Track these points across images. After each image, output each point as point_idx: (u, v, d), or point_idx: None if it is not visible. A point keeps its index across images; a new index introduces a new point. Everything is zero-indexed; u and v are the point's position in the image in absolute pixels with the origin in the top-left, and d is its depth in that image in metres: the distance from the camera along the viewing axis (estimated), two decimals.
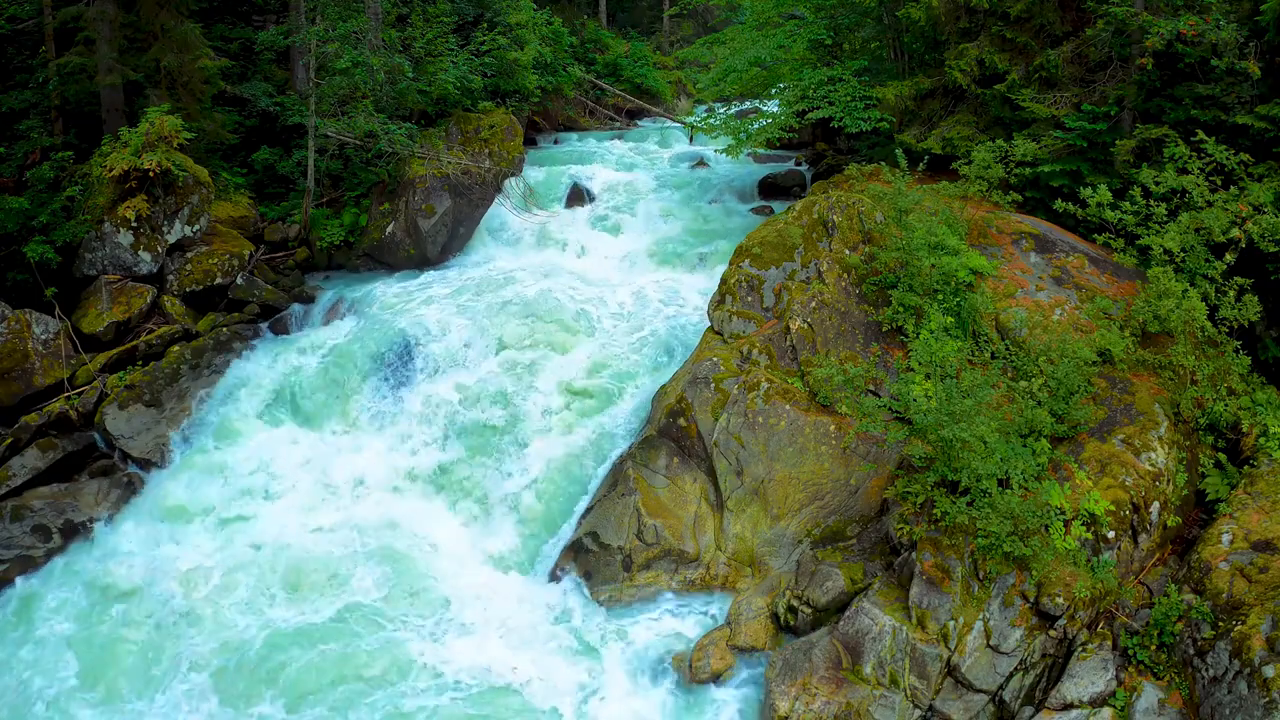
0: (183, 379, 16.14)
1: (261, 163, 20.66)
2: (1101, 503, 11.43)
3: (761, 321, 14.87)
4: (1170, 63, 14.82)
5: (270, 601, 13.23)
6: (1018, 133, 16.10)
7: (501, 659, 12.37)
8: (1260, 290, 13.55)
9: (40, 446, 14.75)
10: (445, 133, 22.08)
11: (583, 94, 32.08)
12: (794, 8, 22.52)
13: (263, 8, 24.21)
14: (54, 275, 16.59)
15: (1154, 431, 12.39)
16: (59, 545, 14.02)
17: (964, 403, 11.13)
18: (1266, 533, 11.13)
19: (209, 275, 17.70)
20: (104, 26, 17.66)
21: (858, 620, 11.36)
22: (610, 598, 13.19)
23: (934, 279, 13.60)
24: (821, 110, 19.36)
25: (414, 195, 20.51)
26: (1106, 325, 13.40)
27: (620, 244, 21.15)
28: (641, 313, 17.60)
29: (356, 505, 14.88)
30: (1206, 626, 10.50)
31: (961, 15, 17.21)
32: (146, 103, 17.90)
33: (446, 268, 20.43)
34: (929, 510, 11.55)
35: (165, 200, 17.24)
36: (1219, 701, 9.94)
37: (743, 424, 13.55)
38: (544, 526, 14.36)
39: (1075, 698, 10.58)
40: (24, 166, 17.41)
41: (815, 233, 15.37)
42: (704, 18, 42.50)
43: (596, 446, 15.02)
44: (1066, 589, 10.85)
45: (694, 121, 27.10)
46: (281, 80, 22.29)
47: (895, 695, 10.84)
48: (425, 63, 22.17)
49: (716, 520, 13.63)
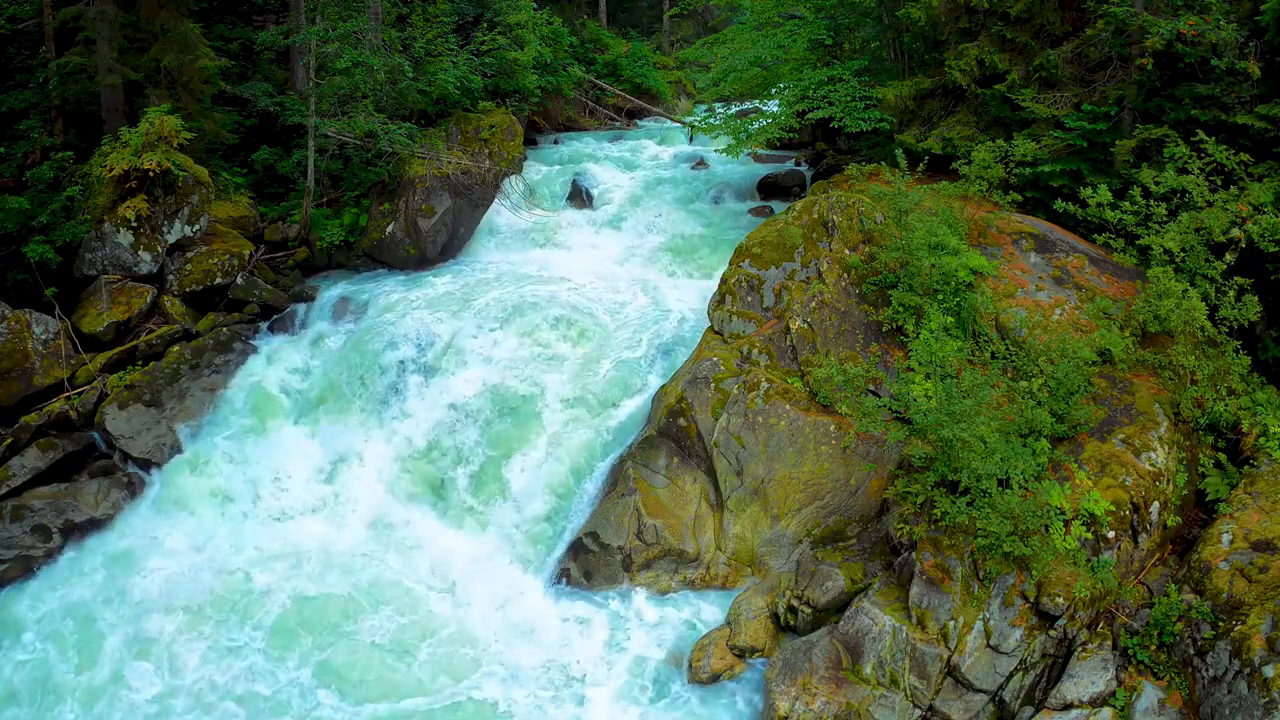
0: (182, 379, 16.13)
1: (261, 163, 20.65)
2: (1101, 503, 11.43)
3: (761, 321, 14.87)
4: (1170, 63, 14.82)
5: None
6: (1018, 133, 16.10)
7: (500, 658, 12.39)
8: (1260, 290, 13.55)
9: (40, 446, 14.75)
10: (445, 133, 22.07)
11: (583, 94, 32.07)
12: (794, 8, 22.52)
13: (263, 8, 24.20)
14: (54, 275, 16.58)
15: (1154, 431, 12.39)
16: (58, 545, 14.02)
17: (964, 403, 11.13)
18: (1266, 533, 11.13)
19: (209, 275, 17.70)
20: (104, 26, 17.66)
21: (858, 620, 11.36)
22: (610, 598, 13.18)
23: (934, 279, 13.60)
24: (821, 110, 19.35)
25: (414, 195, 20.50)
26: (1106, 325, 13.40)
27: (620, 244, 21.14)
28: (641, 312, 17.59)
29: (355, 507, 14.89)
30: (1206, 626, 10.50)
31: (961, 15, 17.20)
32: (146, 103, 17.89)
33: (446, 268, 20.41)
34: (929, 510, 11.55)
35: (165, 200, 17.23)
36: (1219, 701, 9.94)
37: (743, 424, 13.55)
38: (544, 527, 14.36)
39: (1075, 698, 10.58)
40: (24, 166, 17.41)
41: (815, 233, 15.37)
42: (704, 18, 42.50)
43: (596, 446, 15.01)
44: (1066, 589, 10.84)
45: (694, 121, 27.09)
46: (281, 80, 22.28)
47: (895, 695, 10.84)
48: (425, 63, 22.16)
49: (716, 520, 13.63)
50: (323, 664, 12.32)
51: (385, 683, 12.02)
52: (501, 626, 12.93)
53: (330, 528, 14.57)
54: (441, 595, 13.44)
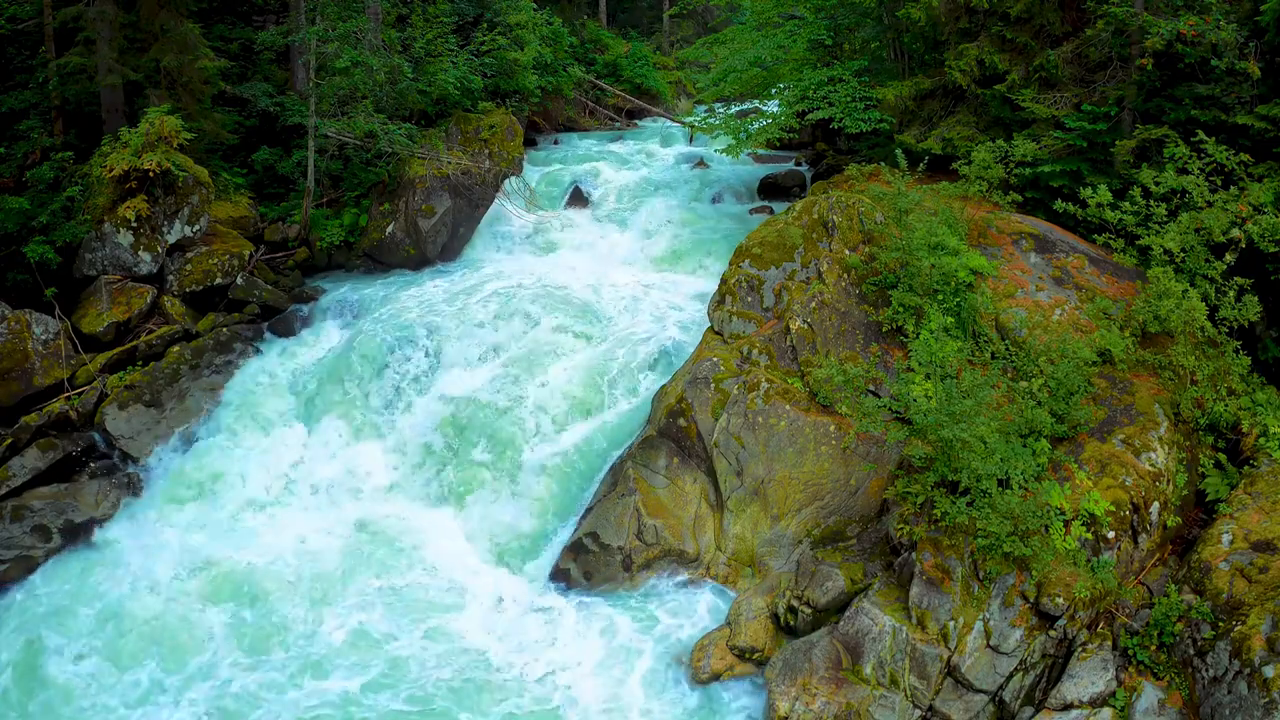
0: (182, 379, 16.13)
1: (261, 163, 20.66)
2: (1101, 503, 11.43)
3: (761, 321, 14.87)
4: (1170, 63, 14.82)
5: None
6: (1018, 133, 16.10)
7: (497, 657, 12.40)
8: (1260, 290, 13.55)
9: (40, 447, 14.74)
10: (445, 133, 22.08)
11: (583, 94, 32.08)
12: (794, 8, 22.53)
13: (263, 8, 24.21)
14: (54, 275, 16.58)
15: (1154, 432, 12.39)
16: (58, 545, 14.02)
17: (964, 403, 11.13)
18: (1266, 533, 11.13)
19: (209, 275, 17.70)
20: (104, 27, 17.66)
21: (858, 620, 11.36)
22: (610, 598, 13.18)
23: (934, 279, 13.60)
24: (821, 110, 19.35)
25: (414, 195, 20.51)
26: (1106, 325, 13.40)
27: (620, 244, 21.16)
28: (641, 313, 17.59)
29: (354, 508, 14.90)
30: (1206, 626, 10.49)
31: (961, 15, 17.20)
32: (146, 103, 17.90)
33: (446, 268, 20.42)
34: (929, 510, 11.55)
35: (165, 200, 17.23)
36: (1219, 702, 9.93)
37: (743, 424, 13.55)
38: (544, 527, 14.36)
39: (1075, 698, 10.58)
40: (24, 166, 17.41)
41: (815, 233, 15.37)
42: (704, 18, 42.52)
43: (596, 447, 15.02)
44: (1066, 589, 10.84)
45: (694, 122, 27.10)
46: (281, 80, 22.29)
47: (895, 695, 10.84)
48: (425, 63, 22.17)
49: (716, 520, 13.63)
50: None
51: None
52: (499, 626, 12.92)
53: (330, 527, 14.55)
54: (440, 595, 13.43)
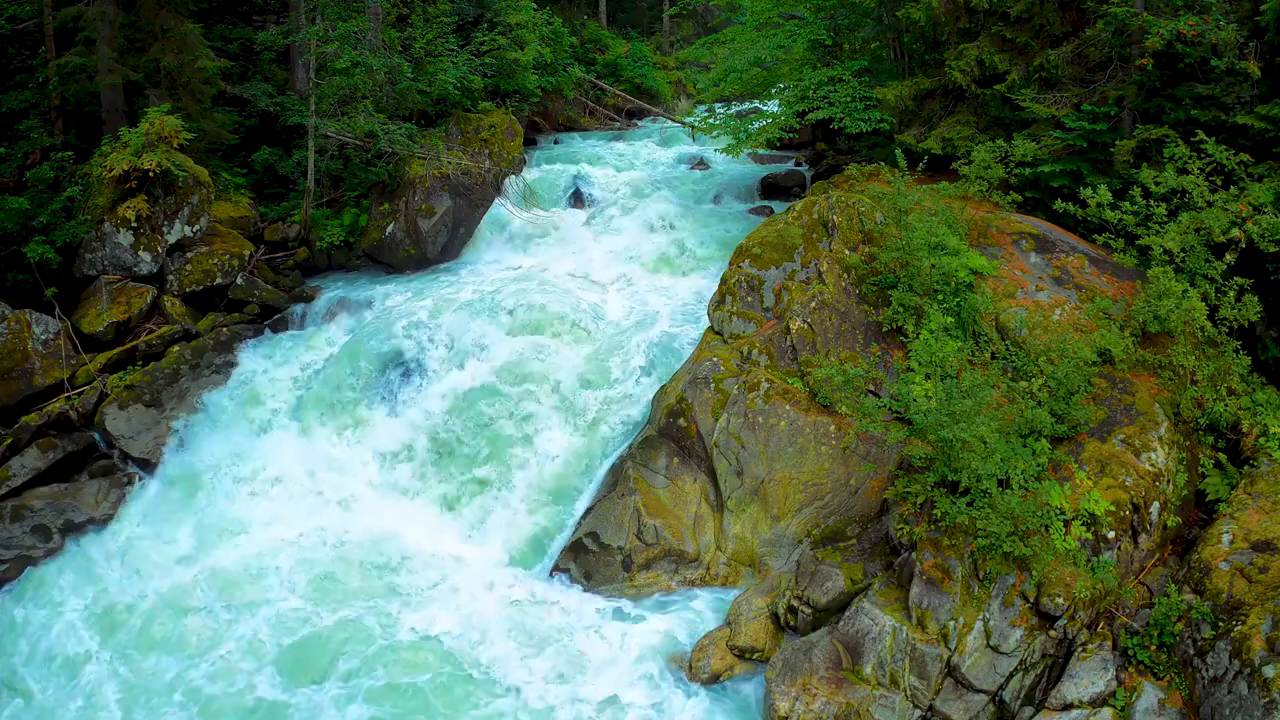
0: (183, 379, 16.13)
1: (261, 163, 20.65)
2: (1101, 503, 11.43)
3: (761, 321, 14.87)
4: (1170, 63, 14.82)
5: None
6: (1018, 133, 16.10)
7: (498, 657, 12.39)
8: (1260, 290, 13.55)
9: (40, 446, 14.74)
10: (445, 133, 22.08)
11: (583, 94, 32.06)
12: (794, 8, 22.52)
13: (263, 8, 24.20)
14: (54, 275, 16.57)
15: (1154, 431, 12.39)
16: (58, 545, 14.02)
17: (964, 403, 11.13)
18: (1266, 533, 11.13)
19: (209, 275, 17.70)
20: (104, 27, 17.65)
21: (858, 620, 11.36)
22: (610, 598, 13.18)
23: (934, 279, 13.60)
24: (821, 110, 19.35)
25: (414, 195, 20.51)
26: (1106, 325, 13.40)
27: (620, 244, 21.12)
28: (641, 313, 17.58)
29: (353, 509, 14.90)
30: (1206, 626, 10.49)
31: (961, 15, 17.21)
32: (146, 103, 17.89)
33: (446, 268, 20.42)
34: (929, 510, 11.55)
35: (165, 200, 17.23)
36: (1219, 702, 9.93)
37: (743, 424, 13.55)
38: (544, 527, 14.36)
39: (1075, 698, 10.58)
40: (24, 166, 17.40)
41: (815, 233, 15.37)
42: (704, 18, 42.48)
43: (596, 447, 15.01)
44: (1066, 589, 10.84)
45: (694, 122, 27.11)
46: (281, 80, 22.29)
47: (895, 695, 10.84)
48: (425, 63, 22.16)
49: (716, 520, 13.63)
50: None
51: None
52: (499, 626, 12.91)
53: (325, 526, 14.53)
54: (438, 594, 13.44)
